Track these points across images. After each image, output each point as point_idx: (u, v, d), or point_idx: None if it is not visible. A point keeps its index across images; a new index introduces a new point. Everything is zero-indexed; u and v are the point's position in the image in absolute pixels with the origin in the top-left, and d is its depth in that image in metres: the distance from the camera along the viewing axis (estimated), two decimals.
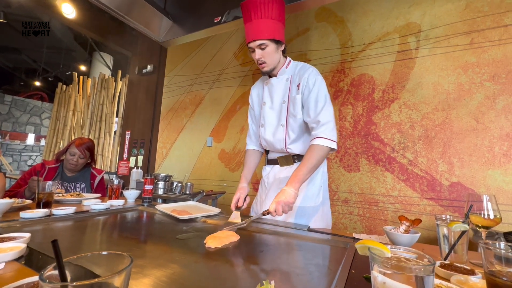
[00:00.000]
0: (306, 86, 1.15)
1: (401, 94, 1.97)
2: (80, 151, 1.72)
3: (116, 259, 0.32)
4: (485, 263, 0.45)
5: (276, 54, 1.15)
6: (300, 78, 1.16)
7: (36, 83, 8.39)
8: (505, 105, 1.65)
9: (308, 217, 1.17)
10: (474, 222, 0.75)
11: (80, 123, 4.22)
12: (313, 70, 1.18)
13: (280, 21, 1.11)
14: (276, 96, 1.22)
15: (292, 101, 1.18)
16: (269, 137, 1.24)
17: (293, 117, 1.18)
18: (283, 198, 0.98)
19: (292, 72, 1.21)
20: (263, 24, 1.07)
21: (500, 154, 1.64)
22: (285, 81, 1.20)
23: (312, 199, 1.19)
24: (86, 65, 7.13)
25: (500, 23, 1.71)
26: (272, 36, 1.09)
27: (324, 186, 1.25)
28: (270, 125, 1.24)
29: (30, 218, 0.96)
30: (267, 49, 1.11)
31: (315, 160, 1.05)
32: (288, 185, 1.02)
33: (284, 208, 0.98)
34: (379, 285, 0.34)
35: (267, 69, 1.17)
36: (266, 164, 1.35)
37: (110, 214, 1.19)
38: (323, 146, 1.06)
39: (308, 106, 1.14)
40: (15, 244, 0.63)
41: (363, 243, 0.40)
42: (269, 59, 1.14)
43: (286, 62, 1.23)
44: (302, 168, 1.04)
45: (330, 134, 1.08)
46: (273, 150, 1.29)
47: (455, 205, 1.72)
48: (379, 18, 2.11)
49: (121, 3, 1.69)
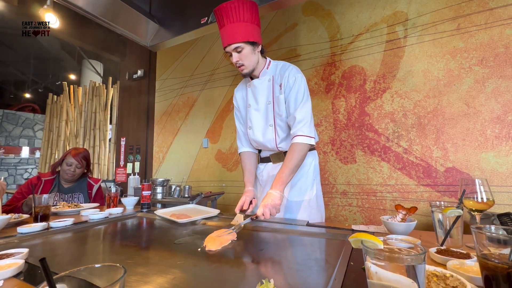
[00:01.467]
0: (287, 85, 1.17)
1: (392, 84, 1.98)
2: (77, 160, 1.71)
3: (111, 270, 0.32)
4: (477, 247, 0.46)
5: (253, 55, 1.16)
6: (282, 78, 1.18)
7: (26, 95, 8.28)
8: (495, 88, 1.67)
9: (304, 210, 1.20)
10: (467, 206, 0.76)
11: (74, 133, 4.19)
12: (293, 68, 1.20)
13: (253, 23, 1.12)
14: (260, 97, 1.23)
15: (277, 101, 1.19)
16: (258, 138, 1.26)
17: (279, 116, 1.20)
18: (270, 201, 1.01)
19: (274, 72, 1.23)
20: (236, 27, 1.09)
21: (492, 137, 1.66)
22: (268, 82, 1.22)
23: (306, 192, 1.22)
24: (76, 74, 7.05)
25: (485, 6, 1.73)
26: (246, 39, 1.10)
27: (317, 179, 1.28)
28: (258, 126, 1.25)
29: (28, 232, 0.96)
30: (243, 52, 1.12)
31: (296, 160, 1.08)
32: (273, 188, 1.05)
33: (272, 210, 1.00)
34: (372, 276, 0.34)
35: (246, 71, 1.18)
36: (259, 162, 1.37)
37: (109, 222, 1.19)
38: (302, 144, 1.10)
39: (288, 104, 1.16)
40: (13, 260, 0.62)
41: (356, 236, 0.41)
42: (247, 61, 1.15)
43: (267, 63, 1.24)
44: (284, 170, 1.07)
45: (307, 130, 1.11)
46: (264, 149, 1.31)
47: (451, 190, 1.75)
48: (366, 9, 2.11)
49: (105, 10, 1.67)
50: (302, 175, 1.23)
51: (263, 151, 1.34)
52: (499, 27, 1.68)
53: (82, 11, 1.59)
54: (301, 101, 1.14)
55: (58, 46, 6.02)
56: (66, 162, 1.70)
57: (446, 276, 0.47)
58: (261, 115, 1.24)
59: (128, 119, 3.58)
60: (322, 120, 2.23)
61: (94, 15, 1.65)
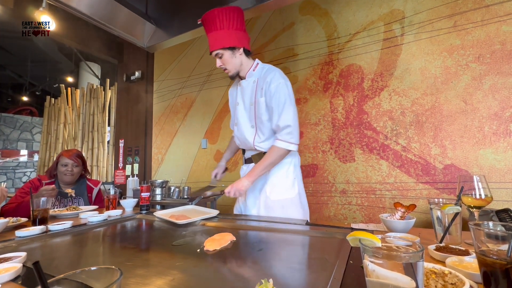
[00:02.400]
0: (268, 90, 1.21)
1: (390, 82, 1.98)
2: (72, 159, 1.68)
3: (107, 273, 0.32)
4: (475, 243, 0.46)
5: (234, 59, 1.23)
6: (264, 82, 1.23)
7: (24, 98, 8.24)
8: (492, 85, 1.67)
9: (287, 209, 1.25)
10: (466, 203, 0.76)
11: (72, 135, 4.17)
12: (276, 73, 1.23)
13: (232, 28, 1.20)
14: (246, 97, 1.31)
15: (258, 104, 1.25)
16: (241, 135, 1.34)
17: (259, 119, 1.27)
18: (237, 184, 1.20)
19: (259, 75, 1.28)
20: (214, 36, 1.20)
21: (490, 134, 1.66)
22: (253, 83, 1.28)
23: (287, 191, 1.27)
24: (73, 76, 7.03)
25: (481, 4, 1.73)
26: (222, 45, 1.19)
27: (298, 179, 1.33)
28: (243, 124, 1.33)
29: (26, 236, 0.95)
30: (223, 57, 1.22)
31: (272, 159, 1.20)
32: (245, 177, 1.21)
33: (235, 192, 1.19)
34: (370, 274, 0.34)
35: (230, 74, 1.28)
36: (244, 163, 1.44)
37: (108, 225, 1.19)
38: (280, 148, 1.20)
39: (271, 111, 1.22)
40: (10, 264, 0.62)
41: (353, 235, 0.41)
42: (229, 65, 1.24)
43: (254, 65, 1.30)
44: (259, 166, 1.21)
45: (287, 137, 1.20)
46: (245, 148, 1.40)
47: (450, 187, 1.75)
48: (363, 7, 2.11)
49: (101, 11, 1.66)
50: (282, 174, 1.28)
51: (246, 151, 1.41)
52: (495, 24, 1.68)
53: (78, 12, 1.59)
54: (283, 108, 1.19)
55: (55, 48, 6.00)
56: (61, 164, 1.68)
57: (445, 273, 0.47)
58: (246, 115, 1.32)
59: (126, 120, 3.57)
60: (320, 119, 2.23)
61: (89, 17, 1.64)
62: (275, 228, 1.01)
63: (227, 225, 1.12)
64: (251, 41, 2.65)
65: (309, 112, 2.29)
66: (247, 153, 1.40)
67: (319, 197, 2.19)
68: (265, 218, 1.18)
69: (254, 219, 1.19)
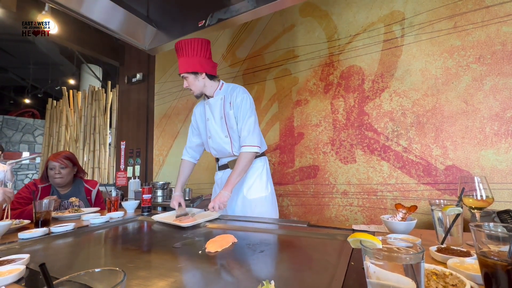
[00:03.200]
0: (235, 103, 1.42)
1: (390, 83, 1.98)
2: (58, 161, 1.66)
3: (111, 275, 0.32)
4: (476, 245, 0.46)
5: (197, 81, 1.42)
6: (231, 96, 1.44)
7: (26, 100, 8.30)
8: (493, 86, 1.67)
9: (261, 206, 1.42)
10: (467, 204, 0.76)
11: (74, 137, 4.19)
12: (240, 89, 1.45)
13: (197, 56, 1.39)
14: (215, 113, 1.47)
15: (227, 116, 1.43)
16: (217, 146, 1.48)
17: (231, 128, 1.43)
18: (219, 198, 1.28)
19: (225, 92, 1.47)
20: (182, 61, 1.39)
21: (491, 134, 1.66)
22: (220, 100, 1.46)
23: (262, 190, 1.45)
24: (75, 79, 7.07)
25: (481, 4, 1.73)
26: (186, 70, 1.38)
27: (269, 179, 1.52)
28: (216, 136, 1.47)
29: (29, 238, 0.96)
30: (188, 79, 1.41)
31: (242, 165, 1.34)
32: (223, 189, 1.31)
33: (220, 205, 1.26)
34: (371, 275, 0.35)
35: (195, 94, 1.46)
36: (218, 170, 1.58)
37: (110, 227, 1.19)
38: (246, 152, 1.35)
39: (237, 120, 1.41)
40: (14, 266, 0.62)
41: (354, 236, 0.41)
42: (193, 87, 1.43)
43: (219, 85, 1.49)
44: (232, 175, 1.33)
45: (250, 141, 1.36)
46: (222, 156, 1.53)
47: (451, 188, 1.75)
48: (363, 9, 2.12)
49: (102, 15, 1.67)
50: (256, 177, 1.46)
51: (221, 159, 1.55)
52: (495, 24, 1.68)
53: (80, 16, 1.60)
54: (245, 117, 1.38)
55: (57, 51, 6.04)
56: (49, 168, 1.66)
57: (446, 274, 0.47)
58: (218, 127, 1.47)
59: (127, 122, 3.58)
60: (321, 120, 2.23)
61: (91, 20, 1.66)
62: (276, 229, 1.01)
63: (228, 226, 1.12)
64: (251, 43, 2.66)
65: (309, 113, 2.29)
66: (222, 160, 1.54)
67: (320, 199, 2.19)
68: (266, 220, 1.19)
69: (255, 220, 1.19)
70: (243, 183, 1.46)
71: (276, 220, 1.16)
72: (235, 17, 1.67)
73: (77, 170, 1.80)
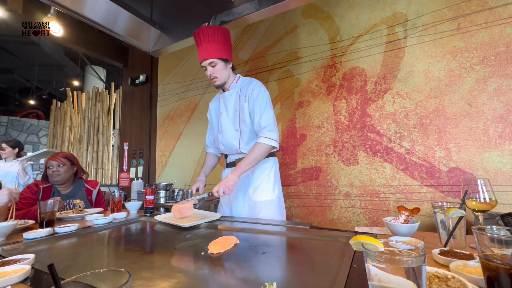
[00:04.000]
0: (251, 97, 1.37)
1: (393, 84, 1.98)
2: (56, 160, 1.68)
3: (116, 275, 0.33)
4: (479, 248, 0.46)
5: (225, 70, 1.37)
6: (247, 90, 1.39)
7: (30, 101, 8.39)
8: (496, 87, 1.66)
9: (268, 209, 1.36)
10: (470, 207, 0.76)
11: (78, 138, 4.23)
12: (257, 83, 1.40)
13: (225, 44, 1.35)
14: (229, 106, 1.43)
15: (241, 109, 1.39)
16: (226, 140, 1.45)
17: (243, 122, 1.40)
18: (225, 181, 1.24)
19: (241, 86, 1.43)
20: (211, 46, 1.30)
21: (495, 136, 1.65)
22: (236, 93, 1.42)
23: (269, 193, 1.39)
24: (79, 80, 7.14)
25: (485, 6, 1.73)
26: (219, 56, 1.32)
27: (278, 182, 1.45)
28: (226, 131, 1.44)
29: (33, 238, 0.97)
30: (216, 67, 1.33)
31: (256, 155, 1.29)
32: (231, 173, 1.27)
33: (225, 189, 1.22)
34: (372, 278, 0.35)
35: (218, 83, 1.39)
36: (226, 167, 1.55)
37: (113, 227, 1.20)
38: (263, 143, 1.30)
39: (253, 114, 1.36)
40: (19, 266, 0.63)
41: (356, 239, 0.41)
42: (219, 74, 1.36)
43: (236, 78, 1.46)
44: (244, 161, 1.28)
45: (269, 134, 1.31)
46: (230, 153, 1.49)
47: (455, 190, 1.74)
48: (366, 11, 2.12)
49: (107, 17, 1.69)
50: (263, 178, 1.40)
51: (229, 156, 1.51)
52: (499, 26, 1.67)
53: (85, 19, 1.62)
54: (264, 110, 1.34)
55: (62, 53, 6.11)
56: (48, 167, 1.68)
57: (448, 277, 0.47)
58: (230, 121, 1.43)
59: (131, 123, 3.61)
60: (323, 122, 2.23)
61: (96, 22, 1.68)
62: (278, 231, 1.01)
63: (230, 228, 1.12)
64: (254, 44, 2.67)
65: (312, 115, 2.29)
66: (230, 157, 1.50)
67: (323, 200, 2.19)
68: (268, 221, 1.19)
69: (257, 222, 1.19)
70: (250, 183, 1.41)
71: (278, 221, 1.16)
72: (238, 19, 1.69)
73: (77, 170, 1.81)
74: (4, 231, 0.97)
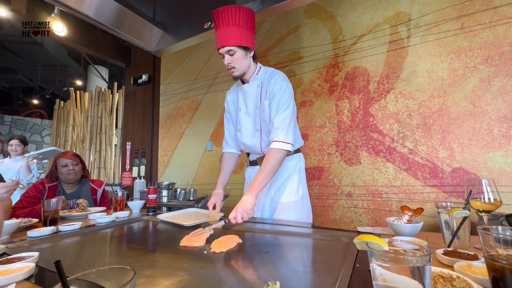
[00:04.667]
0: (271, 92, 1.19)
1: (396, 84, 1.97)
2: (70, 158, 1.70)
3: (121, 273, 0.33)
4: (484, 248, 0.46)
5: (245, 60, 1.18)
6: (268, 85, 1.21)
7: (34, 101, 8.44)
8: (501, 87, 1.65)
9: (290, 211, 1.24)
10: (474, 207, 0.75)
11: (81, 138, 4.25)
12: (279, 75, 1.22)
13: (247, 29, 1.15)
14: (249, 102, 1.27)
15: (262, 107, 1.22)
16: (246, 141, 1.30)
17: (264, 121, 1.24)
18: (241, 206, 1.04)
19: (263, 78, 1.25)
20: (231, 31, 1.12)
21: (499, 136, 1.64)
22: (257, 87, 1.24)
23: (292, 194, 1.25)
24: (82, 80, 7.17)
25: (489, 5, 1.71)
26: (239, 43, 1.13)
27: (303, 181, 1.31)
28: (246, 130, 1.29)
29: (37, 236, 0.98)
30: (235, 55, 1.15)
31: (270, 166, 1.10)
32: (247, 194, 1.08)
33: (243, 214, 1.03)
34: (377, 277, 0.35)
35: (236, 74, 1.20)
36: (248, 165, 1.41)
37: (116, 226, 1.21)
38: (278, 149, 1.12)
39: (270, 110, 1.20)
40: (24, 264, 0.64)
41: (361, 238, 0.41)
42: (238, 65, 1.17)
43: (257, 69, 1.26)
44: (258, 177, 1.09)
45: (283, 136, 1.13)
46: (251, 152, 1.35)
47: (458, 190, 1.72)
48: (368, 10, 2.11)
49: (110, 17, 1.70)
50: (287, 178, 1.27)
51: (251, 154, 1.37)
52: (504, 25, 1.66)
53: (88, 18, 1.63)
54: (282, 108, 1.16)
55: (65, 53, 6.15)
56: (61, 165, 1.69)
57: (453, 277, 0.47)
58: (250, 119, 1.27)
59: (133, 123, 3.62)
60: (326, 121, 2.23)
61: (100, 23, 1.68)
62: (281, 230, 1.01)
63: (232, 227, 1.12)
64: (256, 44, 2.67)
65: (314, 114, 2.29)
66: (252, 156, 1.37)
67: (325, 200, 2.18)
68: (271, 221, 1.19)
69: (259, 221, 1.19)
70: (272, 184, 1.28)
71: (280, 221, 1.16)
72: None
73: (83, 169, 1.83)
74: (8, 229, 0.98)
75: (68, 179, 1.71)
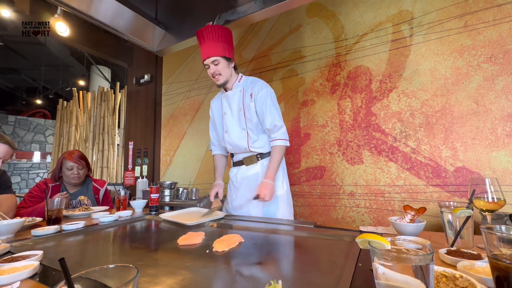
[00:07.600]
0: (258, 97, 1.38)
1: (398, 83, 1.96)
2: (76, 162, 1.70)
3: (124, 271, 0.33)
4: (488, 247, 0.45)
5: (228, 69, 1.38)
6: (252, 89, 1.40)
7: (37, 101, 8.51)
8: (505, 85, 1.63)
9: (277, 205, 1.40)
10: (478, 207, 0.75)
11: (84, 137, 4.27)
12: (262, 83, 1.42)
13: (228, 43, 1.37)
14: (233, 105, 1.44)
15: (247, 108, 1.40)
16: (233, 140, 1.45)
17: (250, 121, 1.41)
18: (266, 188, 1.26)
19: (244, 85, 1.44)
20: (215, 44, 1.32)
21: (503, 135, 1.62)
22: (239, 93, 1.43)
23: (278, 188, 1.42)
24: (85, 80, 7.21)
25: (493, 3, 1.70)
26: (223, 54, 1.33)
27: (285, 177, 1.48)
28: (233, 130, 1.44)
29: (41, 235, 0.98)
30: (219, 65, 1.34)
31: (279, 157, 1.36)
32: (266, 178, 1.30)
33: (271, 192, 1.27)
34: (379, 276, 0.35)
35: (221, 81, 1.39)
36: (232, 166, 1.56)
37: (119, 225, 1.21)
38: (282, 146, 1.37)
39: (263, 115, 1.38)
40: (28, 262, 0.64)
41: (363, 237, 0.41)
42: (223, 72, 1.36)
43: (239, 78, 1.47)
44: (272, 165, 1.33)
45: (284, 135, 1.38)
46: (237, 152, 1.49)
47: (461, 190, 1.71)
48: (371, 9, 2.10)
49: (113, 17, 1.71)
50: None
51: (235, 155, 1.51)
52: (508, 23, 1.64)
53: (91, 19, 1.64)
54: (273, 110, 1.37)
55: (67, 53, 6.18)
56: (66, 168, 1.69)
57: (456, 276, 0.47)
58: (235, 121, 1.43)
59: (135, 123, 3.64)
60: (328, 121, 2.22)
61: (101, 22, 1.69)
62: (283, 230, 1.01)
63: (234, 226, 1.13)
64: (258, 43, 2.67)
65: (316, 114, 2.28)
66: (237, 156, 1.51)
67: (327, 200, 2.18)
68: (272, 220, 1.19)
69: (261, 220, 1.19)
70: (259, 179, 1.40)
71: (282, 220, 1.16)
72: (242, 18, 1.69)
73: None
74: (13, 228, 0.99)
75: (71, 183, 1.72)
